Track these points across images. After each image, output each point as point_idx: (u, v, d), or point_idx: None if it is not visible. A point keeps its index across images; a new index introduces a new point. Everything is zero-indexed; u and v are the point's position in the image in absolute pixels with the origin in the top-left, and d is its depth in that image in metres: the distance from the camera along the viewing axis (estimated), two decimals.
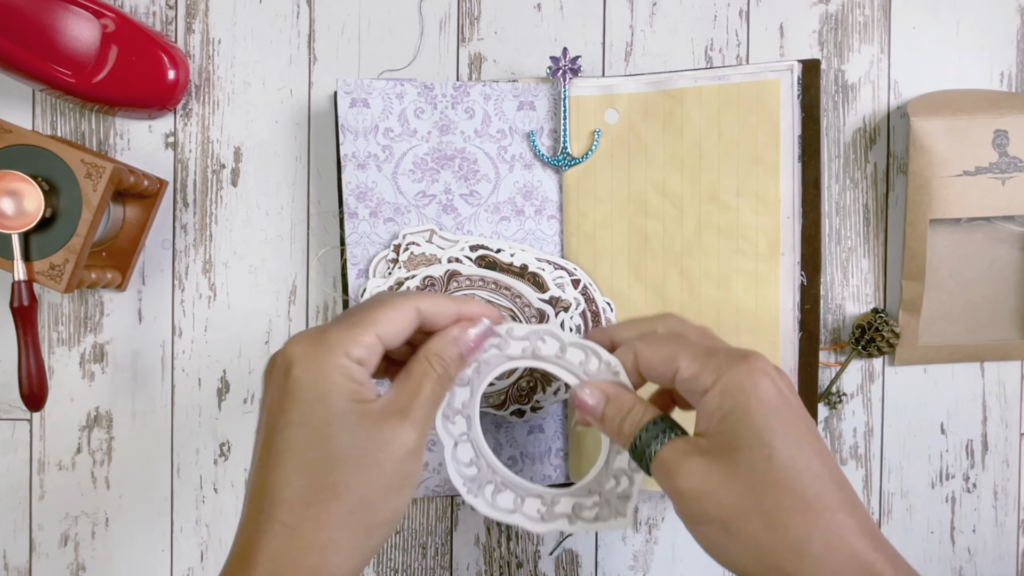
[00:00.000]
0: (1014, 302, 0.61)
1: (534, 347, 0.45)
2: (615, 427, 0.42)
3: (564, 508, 0.45)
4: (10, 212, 0.51)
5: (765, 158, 0.57)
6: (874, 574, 0.36)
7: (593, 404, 0.42)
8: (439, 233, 0.57)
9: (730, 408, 0.37)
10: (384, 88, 0.58)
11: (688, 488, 0.37)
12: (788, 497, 0.36)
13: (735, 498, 0.36)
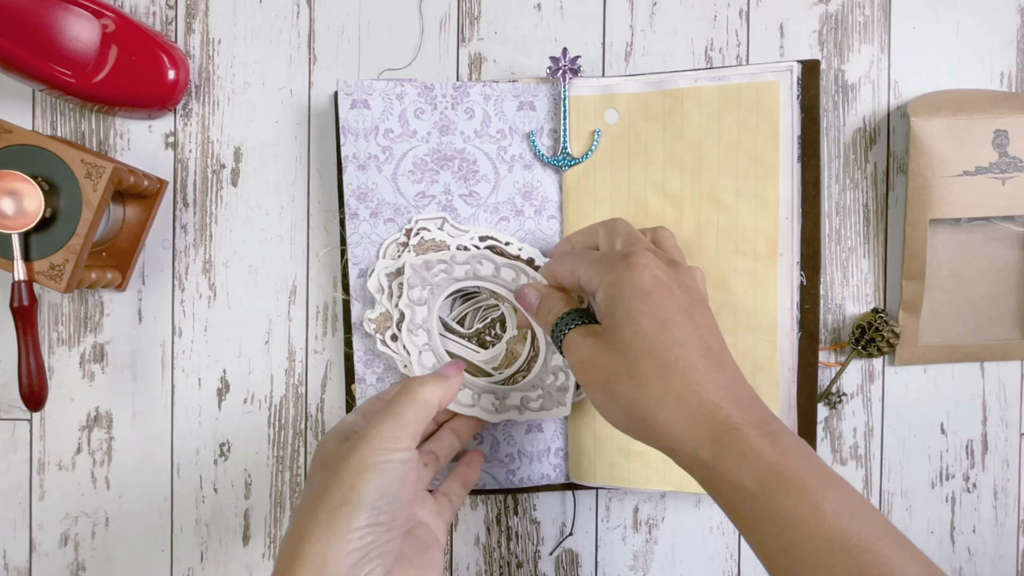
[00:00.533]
0: (1014, 302, 0.61)
1: (474, 269, 0.56)
2: (544, 320, 0.51)
3: (513, 401, 0.56)
4: (10, 212, 0.51)
5: (765, 158, 0.57)
6: (720, 419, 0.41)
7: (531, 301, 0.52)
8: (451, 222, 0.58)
9: (610, 297, 0.45)
10: (384, 89, 0.58)
11: (578, 360, 0.46)
12: (648, 362, 0.43)
13: (610, 365, 0.44)
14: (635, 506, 0.63)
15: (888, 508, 0.63)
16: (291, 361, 0.62)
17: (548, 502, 0.63)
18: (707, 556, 0.63)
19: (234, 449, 0.62)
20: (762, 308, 0.58)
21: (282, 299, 0.62)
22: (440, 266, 0.56)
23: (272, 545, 0.63)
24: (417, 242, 0.57)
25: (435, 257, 0.56)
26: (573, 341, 0.47)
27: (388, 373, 0.59)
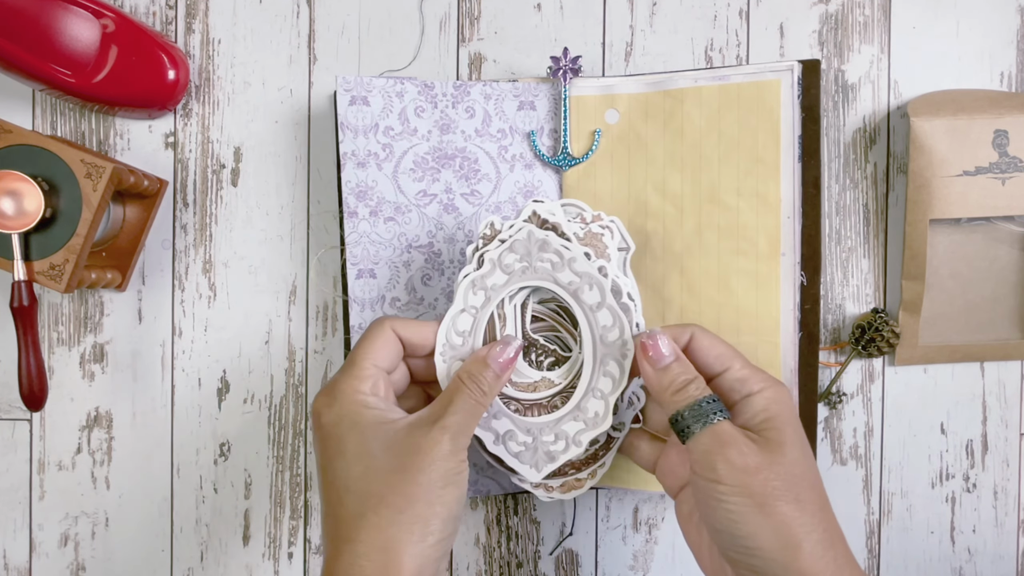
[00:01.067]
0: (1014, 302, 0.61)
1: (578, 288, 0.48)
2: (668, 387, 0.45)
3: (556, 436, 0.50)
4: (10, 212, 0.51)
5: (765, 158, 0.57)
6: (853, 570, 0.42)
7: (666, 354, 0.46)
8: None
9: (775, 413, 0.43)
10: (384, 86, 0.58)
11: (741, 462, 0.42)
12: (813, 492, 0.42)
13: (777, 481, 0.41)
14: (635, 506, 0.63)
15: (888, 508, 0.63)
16: (291, 361, 0.62)
17: (548, 502, 0.63)
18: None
19: (234, 449, 0.62)
20: (764, 309, 0.58)
21: (282, 299, 0.62)
22: (552, 257, 0.48)
23: (272, 545, 0.63)
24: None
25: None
26: (733, 437, 0.42)
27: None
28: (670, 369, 0.45)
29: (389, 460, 0.42)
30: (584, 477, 0.51)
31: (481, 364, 0.46)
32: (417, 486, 0.41)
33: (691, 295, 0.58)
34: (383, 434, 0.43)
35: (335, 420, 0.43)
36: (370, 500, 0.41)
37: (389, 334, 0.47)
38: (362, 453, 0.42)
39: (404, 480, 0.41)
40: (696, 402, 0.44)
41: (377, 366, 0.46)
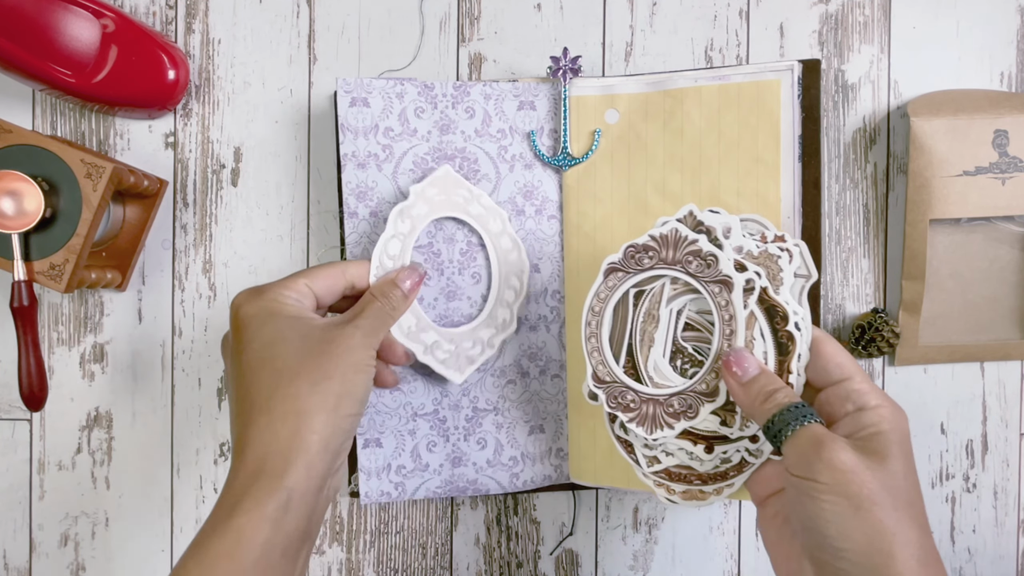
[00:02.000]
0: (1014, 302, 0.61)
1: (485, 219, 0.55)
2: (754, 400, 0.45)
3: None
4: (10, 212, 0.51)
5: (765, 158, 0.57)
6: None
7: (749, 368, 0.46)
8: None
9: (886, 429, 0.43)
10: (384, 87, 0.58)
11: (839, 462, 0.41)
12: (911, 509, 0.41)
13: (877, 486, 0.40)
14: (635, 506, 0.63)
15: None
16: None
17: (548, 502, 0.63)
18: (707, 556, 0.63)
19: None
20: None
21: None
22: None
23: None
24: None
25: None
26: (830, 438, 0.42)
27: None
28: (756, 381, 0.45)
29: (305, 345, 0.44)
30: (709, 491, 0.50)
31: (391, 285, 0.50)
32: (332, 367, 0.44)
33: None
34: (300, 326, 0.45)
35: (254, 312, 0.45)
36: (285, 375, 0.43)
37: (338, 271, 0.49)
38: (278, 338, 0.44)
39: (319, 362, 0.44)
40: (786, 407, 0.44)
41: (311, 288, 0.48)
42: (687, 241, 0.48)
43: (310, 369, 0.44)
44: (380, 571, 0.63)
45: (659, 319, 0.49)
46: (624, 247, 0.50)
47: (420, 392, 0.59)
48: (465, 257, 0.59)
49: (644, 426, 0.48)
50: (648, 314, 0.50)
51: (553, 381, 0.60)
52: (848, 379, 0.45)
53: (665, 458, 0.50)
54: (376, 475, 0.59)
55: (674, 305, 0.49)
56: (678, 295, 0.49)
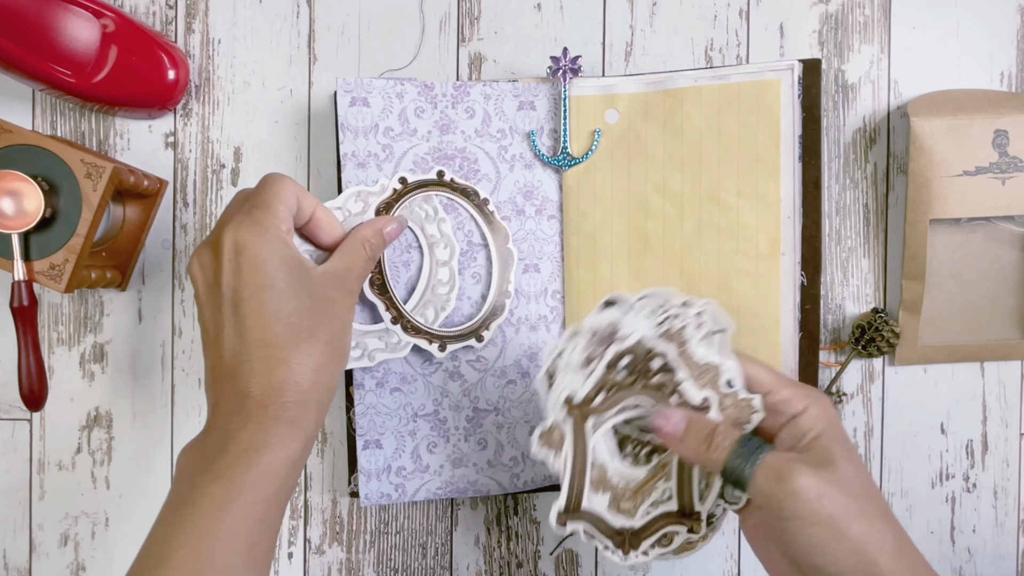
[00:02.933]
0: (1014, 302, 0.61)
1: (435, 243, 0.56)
2: (697, 449, 0.45)
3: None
4: (10, 212, 0.51)
5: (765, 158, 0.57)
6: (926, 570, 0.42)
7: (672, 429, 0.45)
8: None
9: (822, 430, 0.43)
10: (384, 87, 0.58)
11: (805, 489, 0.41)
12: (875, 505, 0.42)
13: (843, 501, 0.41)
14: None
15: None
16: None
17: (548, 502, 0.63)
18: (707, 556, 0.63)
19: None
20: (764, 309, 0.58)
21: None
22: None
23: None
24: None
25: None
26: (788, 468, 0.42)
27: (388, 377, 0.59)
28: (689, 432, 0.45)
29: (312, 303, 0.47)
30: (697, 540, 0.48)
31: (377, 233, 0.53)
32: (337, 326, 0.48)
33: (691, 295, 0.58)
34: (306, 278, 0.47)
35: (265, 255, 0.46)
36: (303, 332, 0.46)
37: (292, 191, 0.49)
38: (292, 291, 0.46)
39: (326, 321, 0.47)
40: (733, 451, 0.43)
41: (288, 210, 0.48)
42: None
43: (321, 328, 0.47)
44: (380, 571, 0.63)
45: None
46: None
47: (420, 393, 0.59)
48: (465, 257, 0.59)
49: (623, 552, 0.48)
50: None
51: None
52: (769, 391, 0.45)
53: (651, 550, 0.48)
54: (376, 477, 0.59)
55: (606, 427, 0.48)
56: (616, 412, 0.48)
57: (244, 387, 0.45)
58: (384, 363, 0.58)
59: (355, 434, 0.59)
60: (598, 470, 0.48)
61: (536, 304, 0.60)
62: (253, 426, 0.44)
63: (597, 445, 0.48)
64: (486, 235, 0.59)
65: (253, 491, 0.42)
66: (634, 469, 0.48)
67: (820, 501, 0.41)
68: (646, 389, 0.46)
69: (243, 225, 0.46)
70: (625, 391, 0.47)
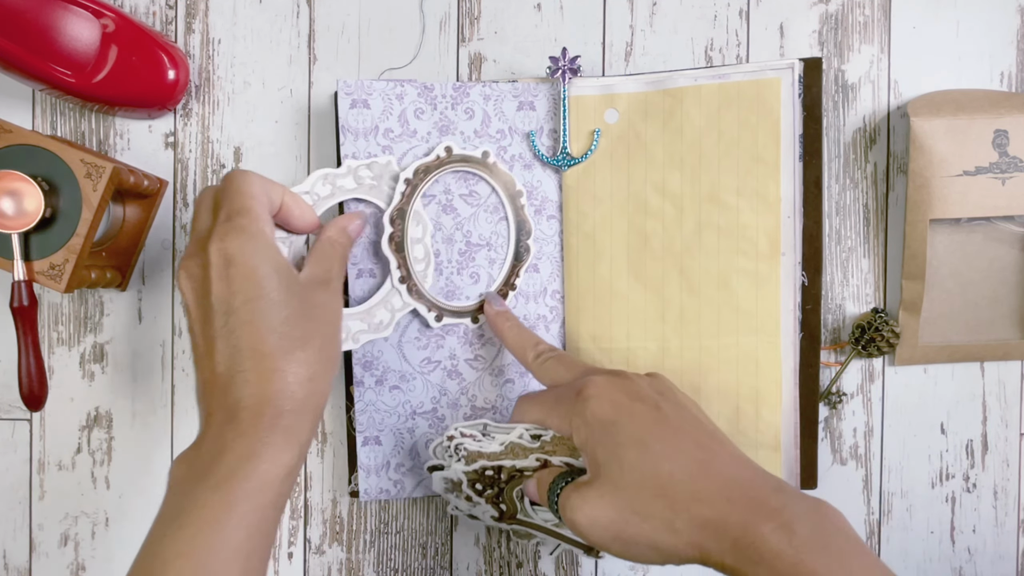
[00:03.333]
0: (1014, 302, 0.61)
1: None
2: (545, 500, 0.48)
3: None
4: (10, 212, 0.51)
5: (765, 157, 0.57)
6: (733, 522, 0.40)
7: (535, 493, 0.49)
8: (492, 425, 0.53)
9: (584, 440, 0.44)
10: (384, 89, 0.58)
11: (579, 519, 0.43)
12: (646, 491, 0.42)
13: (614, 512, 0.42)
14: None
15: (888, 508, 0.63)
16: None
17: None
18: None
19: None
20: (764, 309, 0.58)
21: None
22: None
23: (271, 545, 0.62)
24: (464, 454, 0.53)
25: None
26: (568, 501, 0.44)
27: (387, 375, 0.59)
28: (541, 497, 0.48)
29: (304, 309, 0.47)
30: None
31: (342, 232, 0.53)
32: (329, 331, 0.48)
33: (691, 295, 0.58)
34: (294, 285, 0.47)
35: (255, 264, 0.45)
36: (296, 340, 0.45)
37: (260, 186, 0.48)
38: (284, 300, 0.46)
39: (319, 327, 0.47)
40: (548, 496, 0.46)
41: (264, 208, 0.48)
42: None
43: (314, 335, 0.46)
44: (380, 571, 0.63)
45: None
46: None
47: (419, 391, 0.59)
48: (464, 257, 0.59)
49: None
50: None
51: None
52: (547, 426, 0.49)
53: None
54: (375, 472, 0.59)
55: None
56: None
57: (238, 398, 0.44)
58: (384, 362, 0.58)
59: (355, 431, 0.59)
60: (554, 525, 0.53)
61: (535, 304, 0.60)
62: (248, 437, 0.43)
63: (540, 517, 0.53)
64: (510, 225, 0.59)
65: (250, 501, 0.42)
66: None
67: (592, 527, 0.42)
68: (511, 483, 0.51)
69: (229, 235, 0.45)
70: (504, 494, 0.52)
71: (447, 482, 0.53)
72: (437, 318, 0.58)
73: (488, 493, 0.52)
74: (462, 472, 0.52)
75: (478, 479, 0.52)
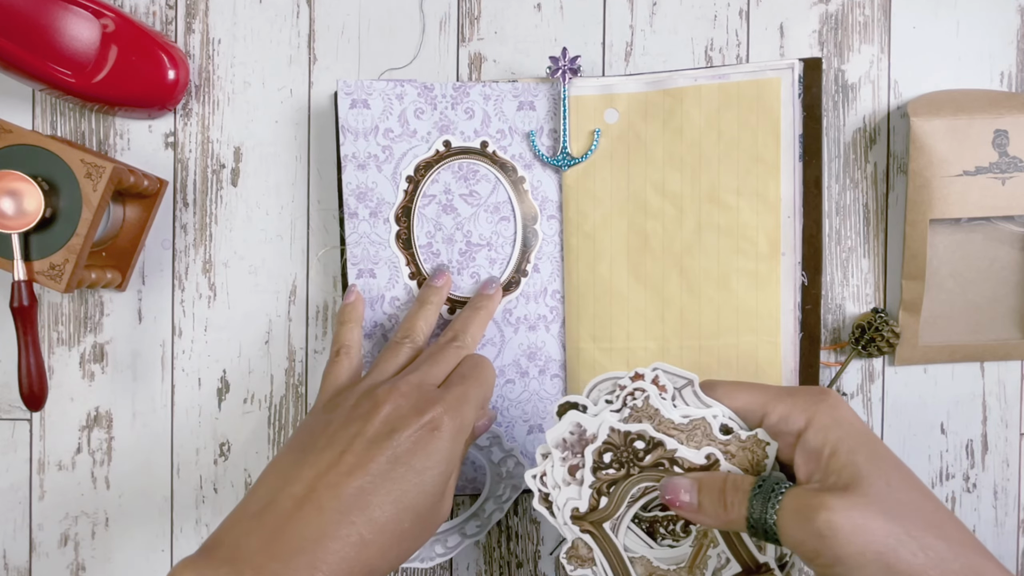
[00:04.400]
0: (1014, 302, 0.61)
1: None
2: (717, 511, 0.40)
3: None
4: (10, 212, 0.51)
5: (765, 157, 0.57)
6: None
7: (688, 499, 0.41)
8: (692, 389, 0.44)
9: (836, 442, 0.38)
10: (384, 89, 0.58)
11: (835, 528, 0.36)
12: (919, 520, 0.36)
13: (883, 528, 0.35)
14: None
15: None
16: (291, 361, 0.62)
17: None
18: None
19: (234, 449, 0.62)
20: (764, 309, 0.58)
21: (282, 299, 0.62)
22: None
23: None
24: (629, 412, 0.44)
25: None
26: (812, 507, 0.36)
27: None
28: (704, 498, 0.41)
29: (426, 528, 0.46)
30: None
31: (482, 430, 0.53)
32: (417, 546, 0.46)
33: (691, 295, 0.58)
34: (440, 507, 0.47)
35: (444, 463, 0.44)
36: (404, 542, 0.44)
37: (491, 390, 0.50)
38: (440, 485, 0.45)
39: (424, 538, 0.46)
40: (748, 507, 0.39)
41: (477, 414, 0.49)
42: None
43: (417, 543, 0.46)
44: None
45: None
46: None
47: None
48: (464, 257, 0.59)
49: None
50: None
51: (553, 381, 0.60)
52: (764, 415, 0.41)
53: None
54: None
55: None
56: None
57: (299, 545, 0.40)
58: None
59: None
60: (641, 564, 0.45)
61: (536, 304, 0.60)
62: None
63: (627, 543, 0.45)
64: (515, 209, 0.59)
65: None
66: (677, 548, 0.45)
67: (855, 537, 0.35)
68: (644, 473, 0.43)
69: (455, 411, 0.45)
70: (624, 483, 0.44)
71: (567, 438, 0.44)
72: (450, 310, 0.58)
73: (607, 474, 0.43)
74: (608, 426, 0.43)
75: (618, 447, 0.43)
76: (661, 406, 0.43)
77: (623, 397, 0.43)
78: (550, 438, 0.44)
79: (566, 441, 0.44)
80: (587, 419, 0.43)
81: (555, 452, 0.44)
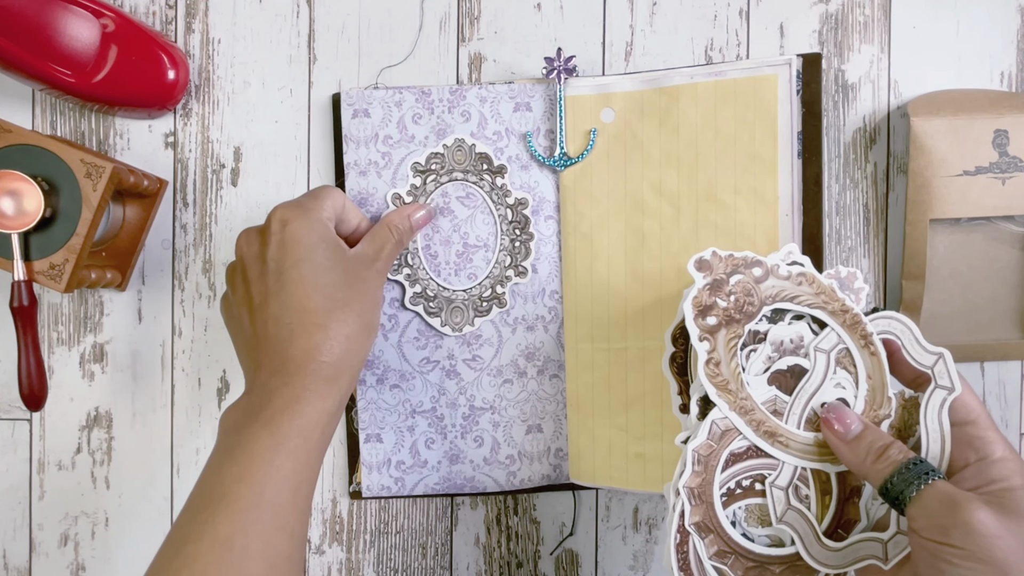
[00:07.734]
0: (1014, 302, 0.60)
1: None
2: (863, 459, 0.44)
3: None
4: (10, 212, 0.51)
5: (762, 154, 0.57)
6: None
7: (852, 425, 0.45)
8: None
9: (1019, 485, 0.41)
10: (383, 97, 0.58)
11: (981, 524, 0.39)
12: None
13: (1020, 552, 0.38)
14: (635, 506, 0.63)
15: None
16: None
17: (548, 502, 0.63)
18: None
19: None
20: None
21: None
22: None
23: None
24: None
25: None
26: (967, 500, 0.40)
27: (388, 374, 0.59)
28: (862, 438, 0.44)
29: (346, 278, 0.51)
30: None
31: (405, 219, 0.56)
32: (368, 302, 0.52)
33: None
34: (341, 256, 0.52)
35: (306, 230, 0.50)
36: (338, 302, 0.50)
37: (340, 198, 0.54)
38: (330, 266, 0.50)
39: (358, 295, 0.51)
40: (902, 464, 0.42)
41: (332, 209, 0.53)
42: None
43: (354, 301, 0.51)
44: (380, 571, 0.63)
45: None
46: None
47: (418, 390, 0.59)
48: (461, 259, 0.59)
49: None
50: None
51: (552, 381, 0.60)
52: (972, 423, 0.44)
53: None
54: (377, 469, 0.59)
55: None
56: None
57: (285, 350, 0.49)
58: (384, 361, 0.59)
59: (356, 430, 0.60)
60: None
61: (533, 304, 0.60)
62: (294, 384, 0.48)
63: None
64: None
65: (297, 438, 0.46)
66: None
67: (995, 541, 0.38)
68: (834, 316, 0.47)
69: (289, 207, 0.51)
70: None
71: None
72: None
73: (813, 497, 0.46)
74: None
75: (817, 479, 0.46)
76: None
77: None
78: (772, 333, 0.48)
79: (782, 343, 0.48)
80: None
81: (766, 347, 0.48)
